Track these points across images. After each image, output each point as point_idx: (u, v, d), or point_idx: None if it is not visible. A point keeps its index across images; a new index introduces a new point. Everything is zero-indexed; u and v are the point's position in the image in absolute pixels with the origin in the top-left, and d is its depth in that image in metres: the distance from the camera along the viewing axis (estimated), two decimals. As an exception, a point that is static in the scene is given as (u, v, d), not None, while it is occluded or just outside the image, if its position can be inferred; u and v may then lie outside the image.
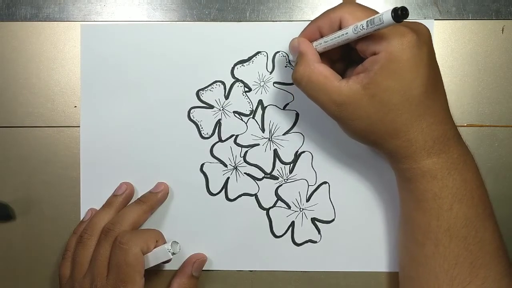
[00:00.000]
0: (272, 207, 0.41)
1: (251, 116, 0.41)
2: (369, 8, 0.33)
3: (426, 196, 0.34)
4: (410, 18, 0.41)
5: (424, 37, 0.32)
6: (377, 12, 0.32)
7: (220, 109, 0.41)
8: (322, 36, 0.35)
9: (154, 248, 0.38)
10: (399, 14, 0.28)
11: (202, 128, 0.41)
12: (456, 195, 0.33)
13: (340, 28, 0.33)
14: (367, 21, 0.30)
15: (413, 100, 0.32)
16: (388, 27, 0.29)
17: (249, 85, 0.41)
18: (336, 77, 0.33)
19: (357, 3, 0.34)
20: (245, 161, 0.41)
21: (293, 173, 0.41)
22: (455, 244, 0.33)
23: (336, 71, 0.34)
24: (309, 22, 0.36)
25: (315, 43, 0.35)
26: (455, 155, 0.33)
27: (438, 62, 0.41)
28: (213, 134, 0.41)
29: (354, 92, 0.32)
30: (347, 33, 0.32)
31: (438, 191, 0.33)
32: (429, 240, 0.34)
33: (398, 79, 0.31)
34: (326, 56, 0.36)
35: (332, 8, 0.34)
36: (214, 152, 0.41)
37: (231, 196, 0.41)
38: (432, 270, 0.34)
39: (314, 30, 0.35)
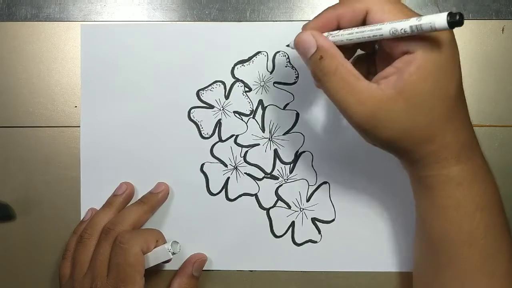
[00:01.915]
0: (272, 207, 0.41)
1: (251, 116, 0.41)
2: (398, 1, 0.29)
3: (448, 203, 0.32)
4: (410, 18, 0.41)
5: (454, 36, 0.30)
6: (407, 7, 0.29)
7: (220, 109, 0.41)
8: (338, 28, 0.31)
9: (154, 248, 0.38)
10: (457, 20, 0.25)
11: (202, 128, 0.41)
12: (479, 204, 0.32)
13: (364, 20, 0.29)
14: (411, 26, 0.27)
15: (450, 102, 0.30)
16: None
17: (249, 85, 0.41)
18: (364, 79, 0.30)
19: None
20: (245, 161, 0.41)
21: (293, 173, 0.41)
22: (473, 253, 0.32)
23: None
24: (326, 9, 0.31)
25: (333, 33, 0.30)
26: (479, 163, 0.32)
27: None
28: (213, 134, 0.41)
29: (387, 97, 0.29)
30: (381, 30, 0.28)
31: (463, 199, 0.32)
32: (447, 249, 0.33)
33: (436, 80, 0.29)
34: None
35: None
36: (214, 152, 0.41)
37: (231, 196, 0.41)
38: (447, 278, 0.33)
39: (332, 19, 0.30)
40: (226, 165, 0.41)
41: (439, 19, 0.25)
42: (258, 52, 0.41)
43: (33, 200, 0.42)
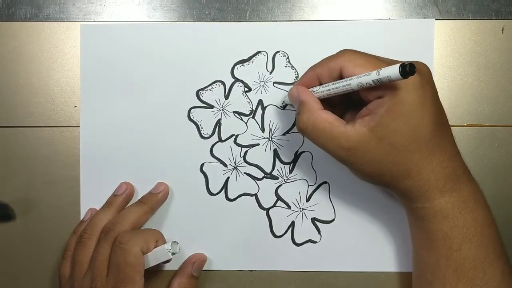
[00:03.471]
0: (272, 207, 0.41)
1: (251, 116, 0.41)
2: (368, 54, 0.33)
3: (436, 235, 0.33)
4: (410, 18, 0.41)
5: (426, 77, 0.32)
6: (376, 58, 0.33)
7: (220, 109, 0.41)
8: (320, 83, 0.35)
9: (154, 248, 0.38)
10: (407, 70, 0.28)
11: (202, 128, 0.41)
12: (466, 236, 0.33)
13: (340, 75, 0.33)
14: (373, 80, 0.30)
15: (422, 140, 0.32)
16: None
17: (249, 85, 0.41)
18: (341, 122, 0.33)
19: (356, 51, 0.34)
20: (245, 161, 0.41)
21: (293, 173, 0.41)
22: (463, 284, 0.33)
23: (336, 115, 0.34)
24: (308, 69, 0.36)
25: (314, 89, 0.35)
26: (465, 193, 0.33)
27: (438, 62, 0.41)
28: (213, 134, 0.41)
29: (361, 136, 0.32)
30: (350, 85, 0.32)
31: (449, 231, 0.33)
32: (437, 279, 0.34)
33: (405, 121, 0.31)
34: (325, 101, 0.35)
35: (332, 56, 0.34)
36: (214, 152, 0.41)
37: (231, 196, 0.41)
38: None
39: (313, 77, 0.35)
40: (226, 165, 0.41)
41: (394, 72, 0.29)
42: (258, 52, 0.41)
43: (33, 200, 0.42)
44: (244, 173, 0.41)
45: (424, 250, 0.35)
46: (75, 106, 0.42)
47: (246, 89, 0.41)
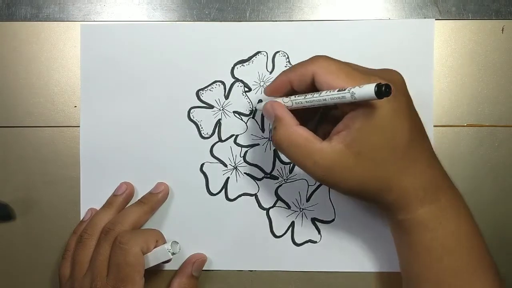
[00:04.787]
0: (272, 207, 0.41)
1: (251, 116, 0.41)
2: (340, 61, 0.32)
3: (419, 248, 0.33)
4: (410, 18, 0.41)
5: (399, 86, 0.32)
6: (349, 66, 0.32)
7: (220, 109, 0.41)
8: (292, 88, 0.34)
9: (154, 248, 0.38)
10: (383, 91, 0.27)
11: (202, 128, 0.41)
12: (445, 247, 0.33)
13: (312, 81, 0.32)
14: (350, 98, 0.29)
15: (399, 152, 0.31)
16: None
17: (249, 85, 0.41)
18: (317, 139, 0.32)
19: (329, 57, 0.33)
20: (245, 161, 0.41)
21: (293, 173, 0.41)
22: None
23: (311, 124, 0.34)
24: (280, 73, 0.35)
25: (285, 100, 0.34)
26: (446, 203, 0.33)
27: (438, 62, 0.41)
28: (213, 134, 0.41)
29: (338, 153, 0.31)
30: (326, 102, 0.31)
31: (429, 242, 0.33)
32: None
33: (381, 133, 0.31)
34: (296, 115, 0.34)
35: (304, 62, 0.33)
36: (214, 152, 0.41)
37: (231, 196, 0.41)
38: None
39: (285, 83, 0.34)
40: (225, 165, 0.41)
41: (369, 94, 0.27)
42: (258, 52, 0.41)
43: (33, 200, 0.42)
44: (244, 173, 0.41)
45: (407, 260, 0.35)
46: (75, 106, 0.42)
47: (246, 89, 0.41)
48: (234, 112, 0.41)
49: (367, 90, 0.28)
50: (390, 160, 0.31)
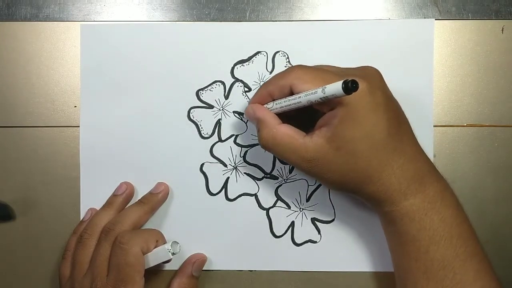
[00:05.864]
0: (272, 207, 0.41)
1: (251, 116, 0.41)
2: (315, 68, 0.34)
3: (406, 238, 0.34)
4: (410, 18, 0.41)
5: (375, 82, 0.33)
6: (324, 71, 0.33)
7: (220, 109, 0.41)
8: (273, 99, 0.36)
9: (154, 248, 0.38)
10: (350, 87, 0.29)
11: (202, 128, 0.41)
12: (433, 237, 0.33)
13: (291, 92, 0.34)
14: (321, 98, 0.31)
15: (379, 145, 0.33)
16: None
17: (249, 85, 0.41)
18: (301, 134, 0.34)
19: (304, 67, 0.35)
20: (245, 161, 0.41)
21: (293, 173, 0.41)
22: (433, 286, 0.33)
23: (296, 126, 0.35)
24: (260, 86, 0.37)
25: (268, 106, 0.36)
26: (431, 193, 0.33)
27: (438, 62, 0.41)
28: (213, 134, 0.41)
29: (320, 147, 0.33)
30: (301, 104, 0.33)
31: (416, 233, 0.33)
32: (409, 282, 0.34)
33: (359, 128, 0.32)
34: (283, 114, 0.36)
35: (282, 74, 0.35)
36: (214, 152, 0.41)
37: (231, 196, 0.41)
38: None
39: (265, 95, 0.36)
40: (225, 165, 0.41)
41: (338, 90, 0.29)
42: (258, 52, 0.41)
43: (33, 200, 0.42)
44: (244, 173, 0.41)
45: (396, 253, 0.35)
46: (75, 106, 0.42)
47: (246, 89, 0.41)
48: (234, 112, 0.41)
49: (336, 86, 0.30)
50: (369, 153, 0.33)
